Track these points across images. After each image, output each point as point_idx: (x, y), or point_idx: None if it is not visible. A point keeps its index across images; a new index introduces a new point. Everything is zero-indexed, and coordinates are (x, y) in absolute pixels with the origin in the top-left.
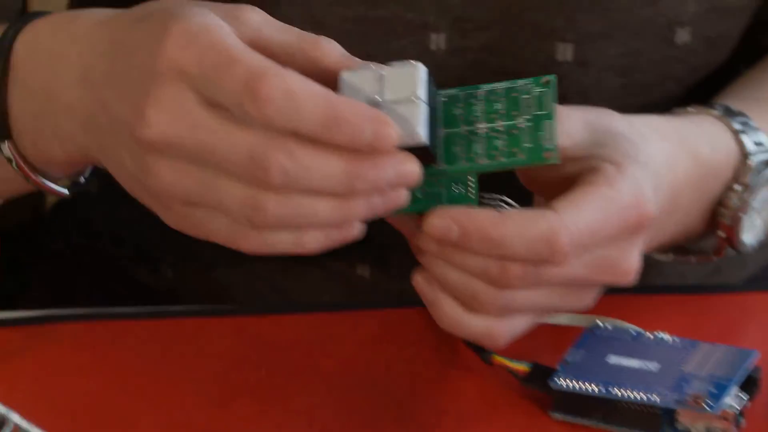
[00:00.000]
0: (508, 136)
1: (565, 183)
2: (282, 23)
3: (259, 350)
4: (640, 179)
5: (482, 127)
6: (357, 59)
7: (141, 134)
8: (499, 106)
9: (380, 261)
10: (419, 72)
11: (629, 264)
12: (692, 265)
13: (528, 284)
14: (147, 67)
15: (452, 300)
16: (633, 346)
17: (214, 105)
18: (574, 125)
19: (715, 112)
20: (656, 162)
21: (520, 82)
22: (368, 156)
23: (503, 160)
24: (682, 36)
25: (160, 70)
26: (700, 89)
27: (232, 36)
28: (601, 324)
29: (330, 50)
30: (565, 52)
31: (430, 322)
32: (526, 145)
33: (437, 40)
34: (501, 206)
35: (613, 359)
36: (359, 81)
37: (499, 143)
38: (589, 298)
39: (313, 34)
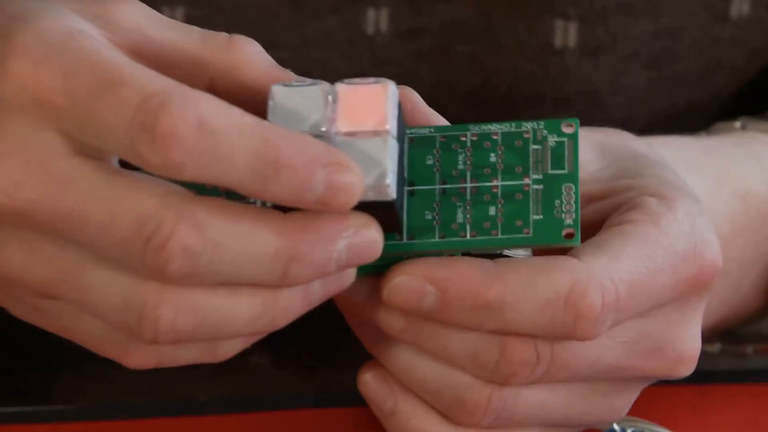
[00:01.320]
0: (508, 201)
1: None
2: (170, 19)
3: None
4: (697, 217)
5: (468, 186)
6: (290, 72)
7: None
8: (494, 157)
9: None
10: (387, 92)
11: (685, 344)
12: (749, 357)
13: (538, 377)
14: None
15: (423, 407)
16: None
17: (85, 150)
18: (583, 151)
19: None
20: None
21: (528, 125)
22: (311, 220)
23: (500, 236)
24: (740, 6)
25: (5, 99)
26: (760, 87)
27: (107, 44)
28: (617, 428)
29: (252, 56)
30: (566, 34)
31: None
32: (536, 217)
33: (376, 18)
34: (500, 254)
35: None
36: (297, 102)
37: (493, 211)
38: (623, 401)
39: (223, 33)
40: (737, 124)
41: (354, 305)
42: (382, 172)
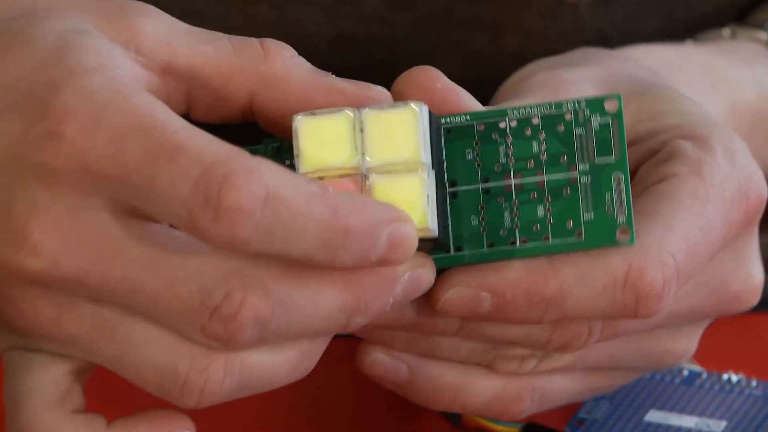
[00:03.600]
0: (556, 199)
1: None
2: (196, 30)
3: None
4: (735, 150)
5: (513, 183)
6: (330, 75)
7: (22, 264)
8: (536, 147)
9: None
10: (418, 118)
11: (741, 283)
12: None
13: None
14: (22, 157)
15: (448, 363)
16: (685, 395)
17: (137, 214)
18: (587, 93)
19: (765, 36)
20: None
21: (569, 105)
22: (374, 273)
23: (551, 242)
24: None
25: (55, 167)
26: None
27: (158, 103)
28: None
29: (290, 64)
30: None
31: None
32: (587, 216)
33: None
34: None
35: (655, 416)
36: (323, 134)
37: (542, 211)
38: (683, 344)
39: (254, 41)
40: (725, 31)
41: (394, 324)
42: (421, 215)
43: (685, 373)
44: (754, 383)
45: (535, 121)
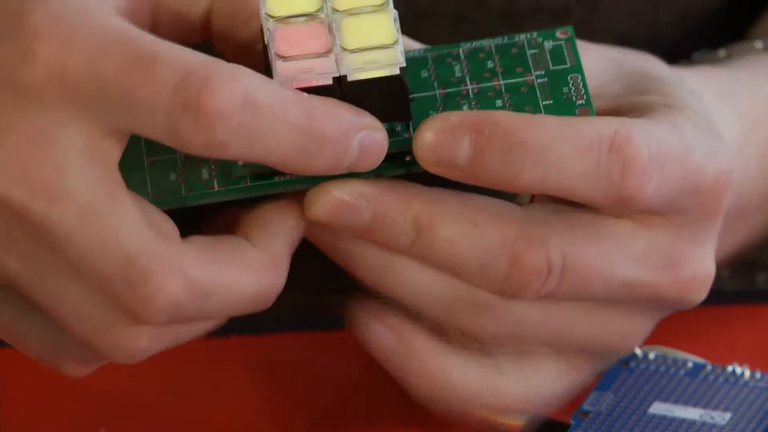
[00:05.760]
0: (514, 95)
1: None
2: None
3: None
4: (710, 130)
5: (470, 87)
6: None
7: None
8: (491, 64)
9: None
10: None
11: (698, 264)
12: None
13: (550, 290)
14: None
15: (426, 337)
16: (690, 387)
17: (116, 132)
18: (591, 61)
19: (760, 45)
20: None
21: (521, 36)
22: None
23: None
24: None
25: (33, 86)
26: None
27: (122, 19)
28: (639, 353)
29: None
30: None
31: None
32: (546, 102)
33: None
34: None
35: (659, 408)
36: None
37: (500, 104)
38: (636, 327)
39: None
40: (759, 44)
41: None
42: (393, 50)
43: (690, 365)
44: (758, 375)
45: (489, 48)
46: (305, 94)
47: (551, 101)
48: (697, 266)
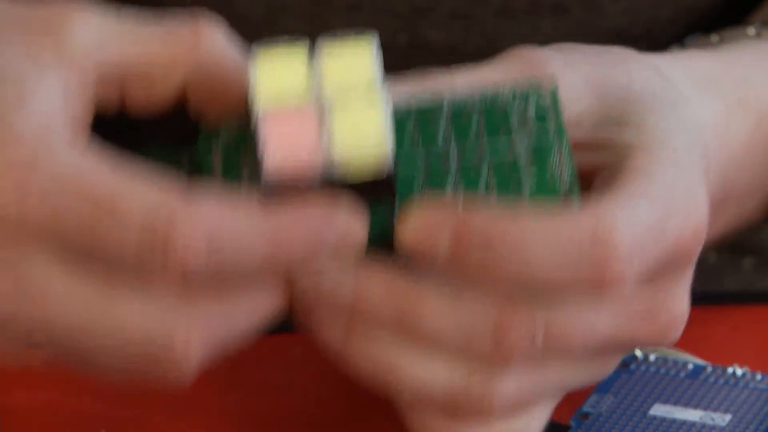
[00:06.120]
0: (498, 172)
1: None
2: (126, 23)
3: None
4: (686, 167)
5: (453, 162)
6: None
7: None
8: (476, 127)
9: None
10: (370, 49)
11: (677, 307)
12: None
13: (536, 353)
14: None
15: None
16: (690, 388)
17: (85, 268)
18: (574, 88)
19: (753, 31)
20: (704, 136)
21: (504, 96)
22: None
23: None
24: None
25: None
26: None
27: (78, 148)
28: (639, 355)
29: (218, 45)
30: None
31: None
32: (531, 184)
33: None
34: None
35: (660, 410)
36: (279, 64)
37: (484, 184)
38: (610, 366)
39: (185, 24)
40: (751, 30)
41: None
42: (376, 140)
43: (690, 366)
44: (759, 377)
45: (472, 108)
46: (274, 217)
47: (535, 183)
48: (675, 310)
